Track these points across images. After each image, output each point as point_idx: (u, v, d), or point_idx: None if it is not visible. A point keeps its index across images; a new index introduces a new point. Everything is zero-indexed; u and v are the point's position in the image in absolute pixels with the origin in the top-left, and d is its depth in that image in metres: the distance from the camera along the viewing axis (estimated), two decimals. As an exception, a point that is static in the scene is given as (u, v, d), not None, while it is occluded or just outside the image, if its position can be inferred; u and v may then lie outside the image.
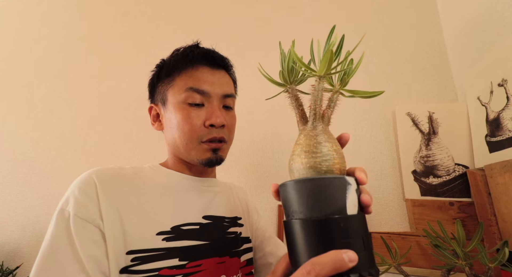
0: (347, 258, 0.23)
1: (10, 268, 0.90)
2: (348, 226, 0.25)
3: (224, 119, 0.49)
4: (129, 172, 0.47)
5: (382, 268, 0.66)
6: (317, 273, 0.23)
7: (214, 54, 0.53)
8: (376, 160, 0.83)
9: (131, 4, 1.19)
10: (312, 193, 0.26)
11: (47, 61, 1.18)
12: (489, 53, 0.70)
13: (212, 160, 0.49)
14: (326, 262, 0.23)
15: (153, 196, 0.45)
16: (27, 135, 1.09)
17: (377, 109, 0.87)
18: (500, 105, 0.65)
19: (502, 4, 0.68)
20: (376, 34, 0.94)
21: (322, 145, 0.28)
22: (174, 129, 0.49)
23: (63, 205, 0.39)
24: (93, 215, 0.38)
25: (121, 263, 0.38)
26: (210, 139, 0.48)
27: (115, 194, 0.42)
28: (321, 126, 0.30)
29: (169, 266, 0.40)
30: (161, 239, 0.41)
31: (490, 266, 0.54)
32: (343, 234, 0.25)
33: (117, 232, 0.39)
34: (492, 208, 0.65)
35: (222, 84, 0.52)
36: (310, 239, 0.25)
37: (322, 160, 0.27)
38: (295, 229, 0.26)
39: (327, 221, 0.25)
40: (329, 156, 0.27)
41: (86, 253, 0.36)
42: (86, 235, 0.37)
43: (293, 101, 0.33)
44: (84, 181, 0.41)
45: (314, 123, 0.30)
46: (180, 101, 0.49)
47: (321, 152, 0.28)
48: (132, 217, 0.41)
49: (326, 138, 0.29)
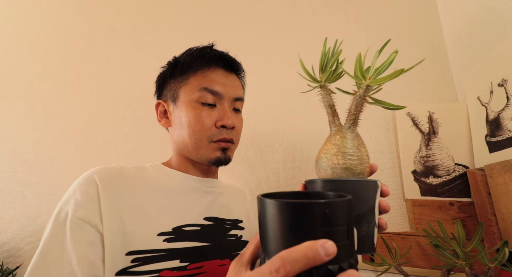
0: (324, 252, 0.20)
1: (10, 268, 0.90)
2: (337, 211, 0.22)
3: (234, 121, 0.50)
4: (131, 172, 0.46)
5: (382, 268, 0.66)
6: (288, 271, 0.19)
7: (229, 57, 0.54)
8: (376, 160, 0.83)
9: (131, 4, 1.19)
10: (350, 194, 0.24)
11: (47, 61, 1.18)
12: (489, 53, 0.70)
13: (220, 159, 0.49)
14: (298, 258, 0.20)
15: (154, 197, 0.45)
16: (27, 135, 1.09)
17: (377, 109, 0.87)
18: (500, 105, 0.65)
19: (502, 4, 0.68)
20: (376, 34, 0.94)
21: (358, 149, 0.30)
22: (184, 127, 0.49)
23: (62, 204, 0.39)
24: (91, 215, 0.38)
25: (119, 265, 0.37)
26: (221, 139, 0.49)
27: (116, 194, 0.41)
28: (356, 131, 0.32)
29: (170, 267, 0.40)
30: (162, 240, 0.41)
31: (490, 266, 0.54)
32: (327, 221, 0.21)
33: (116, 233, 0.38)
34: (492, 208, 0.65)
35: (234, 87, 0.53)
36: (290, 223, 0.21)
37: (358, 163, 0.29)
38: (275, 209, 0.22)
39: (312, 204, 0.21)
40: (363, 160, 0.29)
41: (79, 254, 0.35)
42: (82, 236, 0.37)
43: (327, 99, 0.35)
44: (86, 181, 0.41)
45: (352, 127, 0.31)
46: (193, 100, 0.49)
47: (357, 155, 0.29)
48: (133, 217, 0.40)
49: (361, 142, 0.31)
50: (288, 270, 0.19)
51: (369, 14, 0.96)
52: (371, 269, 0.70)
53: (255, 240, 0.27)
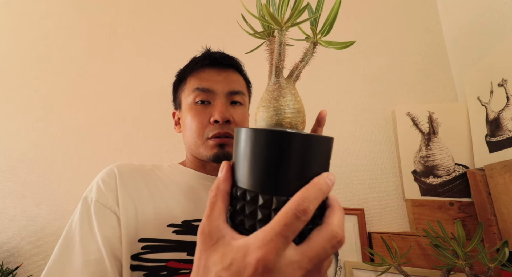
0: (330, 183, 0.22)
1: (10, 268, 0.90)
2: (330, 147, 0.24)
3: (229, 115, 0.49)
4: (147, 168, 0.51)
5: (382, 268, 0.66)
6: (311, 210, 0.20)
7: (218, 54, 0.55)
8: (376, 160, 0.83)
9: (131, 4, 1.19)
10: None
11: (47, 61, 1.18)
12: (489, 53, 0.70)
13: (219, 155, 0.49)
14: (317, 195, 0.20)
15: (166, 191, 0.48)
16: (27, 135, 1.09)
17: (377, 109, 0.87)
18: (500, 105, 0.65)
19: (502, 4, 0.68)
20: (376, 34, 0.94)
21: (276, 100, 0.29)
22: (187, 128, 0.52)
23: (87, 192, 0.44)
24: (111, 202, 0.43)
25: (133, 249, 0.41)
26: (215, 134, 0.49)
27: (131, 186, 0.46)
28: (283, 81, 0.30)
29: (177, 259, 0.41)
30: (171, 231, 0.43)
31: (490, 266, 0.54)
32: (327, 155, 0.24)
33: (131, 219, 0.42)
34: (492, 208, 0.65)
35: (228, 81, 0.53)
36: (309, 157, 0.22)
37: (272, 114, 0.28)
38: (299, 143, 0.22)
39: (314, 137, 0.23)
40: (280, 110, 0.28)
41: (102, 234, 0.39)
42: (105, 219, 0.41)
43: (268, 54, 0.31)
44: (107, 172, 0.47)
45: (275, 78, 0.30)
46: (190, 102, 0.52)
47: (274, 106, 0.28)
48: (145, 207, 0.44)
49: (283, 93, 0.29)
50: (312, 209, 0.20)
51: (369, 14, 0.96)
52: (371, 269, 0.70)
53: (221, 194, 0.24)
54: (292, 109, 0.28)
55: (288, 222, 0.19)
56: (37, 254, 0.94)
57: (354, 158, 0.85)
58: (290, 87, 0.30)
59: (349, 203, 0.81)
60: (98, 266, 0.37)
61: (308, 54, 0.31)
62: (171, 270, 0.40)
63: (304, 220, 0.19)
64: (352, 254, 0.73)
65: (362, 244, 0.73)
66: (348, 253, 0.74)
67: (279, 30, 0.28)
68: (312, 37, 0.31)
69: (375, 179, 0.82)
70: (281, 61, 0.30)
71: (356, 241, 0.74)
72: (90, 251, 0.38)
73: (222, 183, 0.25)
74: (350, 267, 0.72)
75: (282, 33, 0.29)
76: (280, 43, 0.29)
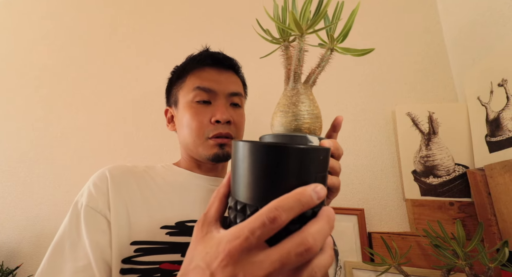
0: (316, 196, 0.20)
1: (10, 268, 0.90)
2: (326, 158, 0.23)
3: (230, 116, 0.50)
4: (140, 170, 0.51)
5: (382, 268, 0.66)
6: (283, 221, 0.19)
7: (220, 55, 0.55)
8: (376, 160, 0.83)
9: (131, 4, 1.19)
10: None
11: (47, 61, 1.18)
12: (489, 53, 0.70)
13: (219, 155, 0.50)
14: (293, 205, 0.19)
15: (160, 192, 0.47)
16: (27, 135, 1.09)
17: (377, 109, 0.87)
18: (500, 105, 0.65)
19: (502, 4, 0.68)
20: (376, 34, 0.94)
21: (295, 105, 0.29)
22: (184, 127, 0.52)
23: (78, 196, 0.44)
24: (101, 206, 0.42)
25: (124, 253, 0.40)
26: (216, 134, 0.49)
27: (123, 188, 0.45)
28: (301, 87, 0.30)
29: (170, 260, 0.41)
30: (164, 233, 0.43)
31: (490, 266, 0.54)
32: (321, 166, 0.22)
33: (123, 223, 0.42)
34: (492, 208, 0.65)
35: (229, 82, 0.54)
36: (290, 168, 0.21)
37: (291, 120, 0.28)
38: (264, 151, 0.21)
39: (308, 149, 0.22)
40: (299, 116, 0.28)
41: (91, 239, 0.39)
42: (94, 223, 0.41)
43: (284, 59, 0.31)
44: (98, 176, 0.46)
45: (293, 84, 0.30)
46: (189, 100, 0.51)
47: (293, 112, 0.28)
48: (138, 210, 0.44)
49: (302, 98, 0.29)
50: (284, 219, 0.19)
51: (369, 15, 0.96)
52: (371, 269, 0.70)
53: (219, 196, 0.25)
54: (311, 115, 0.28)
55: (256, 226, 0.19)
56: (37, 254, 0.94)
57: (354, 158, 0.85)
58: (308, 93, 0.30)
59: (349, 203, 0.81)
60: (87, 273, 0.37)
61: (324, 60, 0.31)
62: (164, 272, 0.40)
63: (272, 227, 0.19)
64: (352, 254, 0.73)
65: (362, 244, 0.73)
66: (348, 253, 0.74)
67: (299, 36, 0.29)
68: (329, 44, 0.31)
69: (375, 179, 0.82)
70: (300, 67, 0.30)
71: (356, 241, 0.74)
72: (78, 258, 0.38)
73: (222, 187, 0.26)
74: (350, 267, 0.72)
75: (303, 39, 0.29)
76: (300, 49, 0.29)
